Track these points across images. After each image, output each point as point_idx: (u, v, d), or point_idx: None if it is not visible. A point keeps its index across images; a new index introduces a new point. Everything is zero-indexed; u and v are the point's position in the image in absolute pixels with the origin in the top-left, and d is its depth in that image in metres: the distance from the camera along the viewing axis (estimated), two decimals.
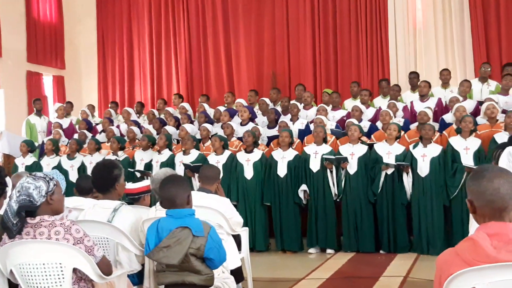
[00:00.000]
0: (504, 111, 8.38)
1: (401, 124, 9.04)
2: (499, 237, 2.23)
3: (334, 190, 8.16)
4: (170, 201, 3.68)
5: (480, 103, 8.99)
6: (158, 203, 4.35)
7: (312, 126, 9.12)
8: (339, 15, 12.52)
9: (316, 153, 8.29)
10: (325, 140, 8.46)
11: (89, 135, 10.94)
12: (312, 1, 12.73)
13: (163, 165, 8.86)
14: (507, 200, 2.31)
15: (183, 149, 9.05)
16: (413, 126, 8.89)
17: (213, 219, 4.58)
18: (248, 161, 8.54)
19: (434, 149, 7.89)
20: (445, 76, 10.15)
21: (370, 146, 8.30)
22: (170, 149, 9.34)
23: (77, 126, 11.70)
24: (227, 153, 8.75)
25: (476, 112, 8.89)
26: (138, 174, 9.06)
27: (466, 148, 7.74)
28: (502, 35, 11.36)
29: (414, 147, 7.97)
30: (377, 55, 12.21)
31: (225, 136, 9.09)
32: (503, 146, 4.82)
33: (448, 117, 8.86)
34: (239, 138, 9.29)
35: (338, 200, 8.20)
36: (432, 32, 11.79)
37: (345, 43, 12.47)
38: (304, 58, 12.78)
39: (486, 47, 11.44)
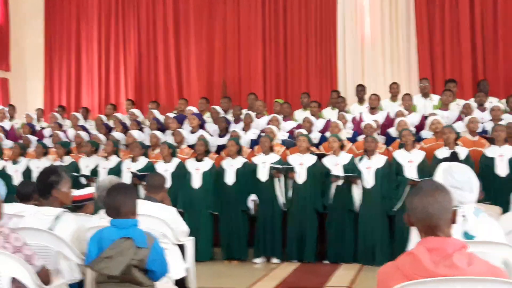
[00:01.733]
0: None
1: (350, 135, 9.18)
2: (438, 252, 2.28)
3: (281, 199, 8.21)
4: (116, 210, 3.61)
5: (425, 117, 9.24)
6: (102, 212, 4.28)
7: None
8: (289, 26, 12.66)
9: (264, 163, 8.32)
10: (271, 150, 8.50)
11: (33, 139, 10.70)
12: (263, 12, 12.84)
13: (111, 171, 8.75)
14: (436, 220, 2.37)
15: (131, 156, 8.95)
16: (361, 137, 9.03)
17: (158, 228, 4.54)
18: (197, 170, 8.50)
19: (378, 161, 8.03)
20: (394, 90, 10.44)
21: (320, 157, 8.39)
22: (118, 156, 9.23)
23: (21, 130, 11.44)
24: (176, 161, 8.69)
25: (421, 126, 9.13)
26: (83, 180, 8.91)
27: (410, 161, 7.90)
28: (446, 52, 11.70)
29: (360, 159, 8.10)
30: (326, 67, 12.39)
31: (174, 144, 9.02)
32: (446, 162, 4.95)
33: (393, 131, 9.03)
34: (190, 146, 9.25)
35: (285, 209, 8.24)
36: (379, 46, 12.05)
37: (295, 54, 12.61)
38: (254, 67, 12.85)
39: (431, 63, 11.77)
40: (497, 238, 3.13)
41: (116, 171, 8.75)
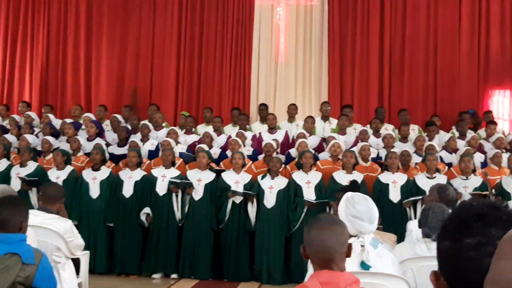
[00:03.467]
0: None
1: (250, 153, 9.25)
2: (330, 286, 2.31)
3: (178, 214, 8.13)
4: (2, 224, 3.41)
5: (324, 139, 9.49)
6: None
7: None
8: (205, 40, 12.61)
9: (163, 177, 8.22)
10: (173, 164, 8.43)
11: None
12: (179, 23, 12.72)
13: None
14: (333, 253, 2.42)
15: (20, 160, 8.58)
16: (261, 157, 9.12)
17: (52, 241, 4.39)
18: (94, 180, 8.26)
19: (281, 182, 8.13)
20: (291, 111, 10.61)
21: (219, 173, 8.40)
22: (9, 159, 8.84)
23: None
24: (69, 168, 8.39)
25: (319, 148, 9.36)
26: None
27: (308, 182, 8.06)
28: (356, 78, 12.05)
29: (262, 178, 8.17)
30: (239, 83, 12.42)
31: (68, 151, 8.73)
32: (345, 189, 4.98)
33: (294, 151, 9.19)
34: (86, 154, 8.98)
35: (180, 225, 8.17)
36: (292, 67, 12.26)
37: (209, 69, 12.57)
38: (167, 78, 12.68)
39: (340, 87, 12.09)
40: (391, 270, 3.24)
41: (5, 175, 8.41)
